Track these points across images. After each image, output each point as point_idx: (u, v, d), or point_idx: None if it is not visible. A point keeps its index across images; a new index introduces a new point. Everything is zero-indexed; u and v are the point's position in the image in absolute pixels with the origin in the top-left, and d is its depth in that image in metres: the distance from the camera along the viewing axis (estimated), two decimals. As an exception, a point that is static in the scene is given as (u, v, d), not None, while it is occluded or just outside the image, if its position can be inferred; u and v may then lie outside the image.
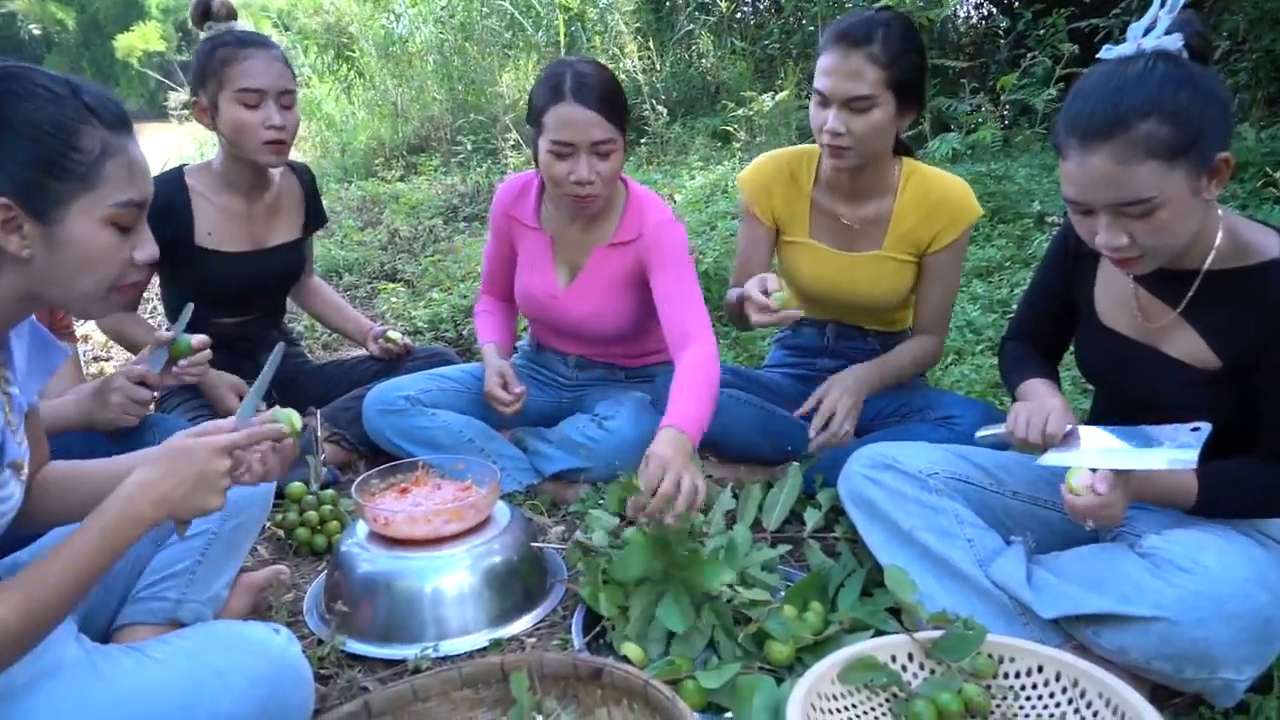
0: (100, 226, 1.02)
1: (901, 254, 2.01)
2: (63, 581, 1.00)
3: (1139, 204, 1.25)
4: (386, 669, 1.56)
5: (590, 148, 1.90)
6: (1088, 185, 1.28)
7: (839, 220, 2.03)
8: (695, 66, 6.84)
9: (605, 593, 1.57)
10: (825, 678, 1.28)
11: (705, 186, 4.57)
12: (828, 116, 1.83)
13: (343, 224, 5.17)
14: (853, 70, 1.79)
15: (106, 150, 1.02)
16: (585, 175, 1.91)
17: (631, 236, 2.07)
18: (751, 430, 2.07)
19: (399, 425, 2.14)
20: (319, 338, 3.51)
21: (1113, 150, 1.24)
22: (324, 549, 1.94)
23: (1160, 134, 1.22)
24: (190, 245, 2.18)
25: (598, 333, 2.16)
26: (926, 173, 2.00)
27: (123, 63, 21.08)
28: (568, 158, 1.91)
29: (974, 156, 4.44)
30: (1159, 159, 1.23)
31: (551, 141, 1.91)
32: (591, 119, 1.88)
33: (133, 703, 1.04)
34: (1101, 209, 1.29)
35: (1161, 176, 1.23)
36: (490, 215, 2.25)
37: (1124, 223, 1.28)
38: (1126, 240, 1.29)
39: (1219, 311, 1.37)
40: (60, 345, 1.22)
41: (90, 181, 1.01)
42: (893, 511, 1.60)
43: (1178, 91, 1.23)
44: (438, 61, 7.35)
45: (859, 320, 2.13)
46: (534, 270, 2.17)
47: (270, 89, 2.06)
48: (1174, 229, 1.28)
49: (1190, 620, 1.25)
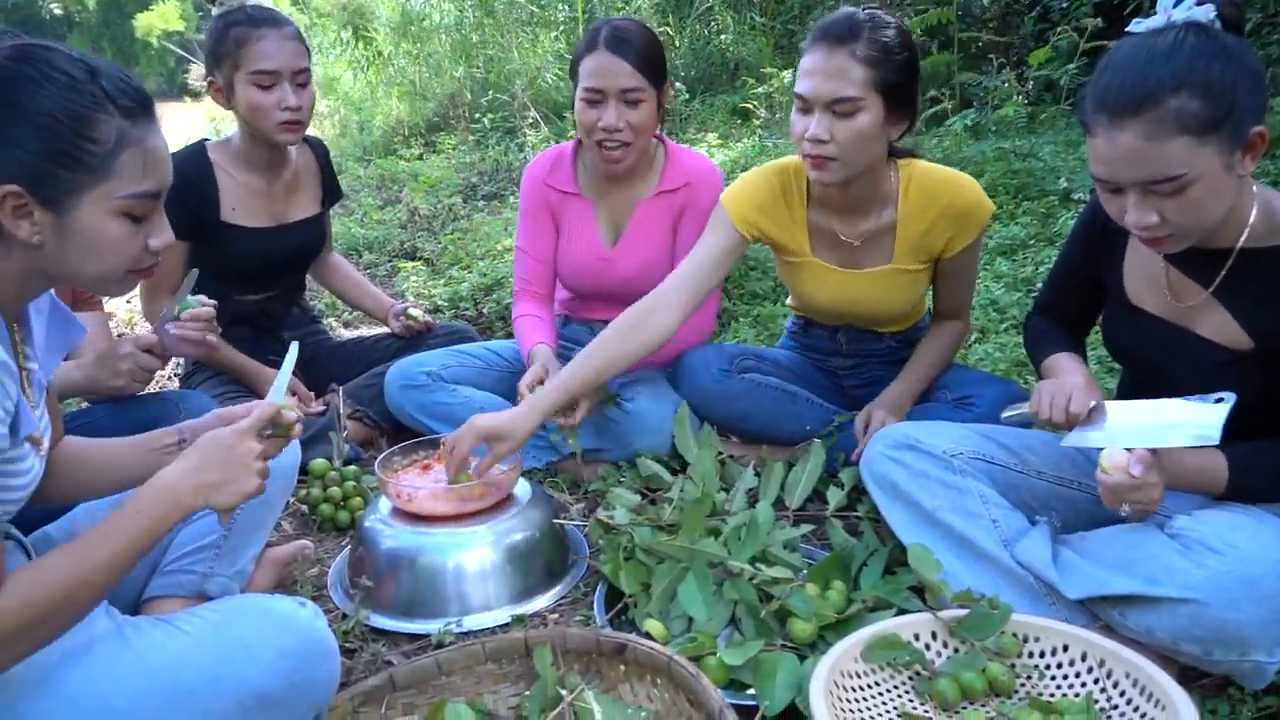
0: (111, 217, 1.01)
1: (913, 264, 1.89)
2: (104, 564, 1.00)
3: (1169, 181, 1.22)
4: (410, 643, 1.57)
5: (619, 95, 1.96)
6: (1116, 163, 1.25)
7: (839, 238, 1.90)
8: (714, 43, 6.78)
9: (627, 570, 1.57)
10: (848, 656, 1.28)
11: (725, 164, 4.54)
12: (809, 123, 1.69)
13: (362, 202, 5.17)
14: (836, 70, 1.65)
15: (122, 141, 1.00)
16: (613, 122, 1.96)
17: (677, 184, 2.11)
18: (773, 413, 2.05)
19: (420, 400, 2.14)
20: (340, 315, 3.52)
21: (1142, 126, 1.21)
22: (347, 525, 1.95)
23: (1191, 108, 1.19)
24: (216, 221, 2.18)
25: (648, 288, 2.10)
26: (929, 174, 1.84)
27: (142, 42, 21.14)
28: (598, 105, 1.97)
29: (998, 133, 4.38)
30: (1191, 134, 1.19)
31: (584, 89, 1.98)
32: (621, 67, 1.94)
33: (162, 674, 1.05)
34: (1131, 187, 1.26)
35: (1193, 152, 1.20)
36: (523, 199, 2.23)
37: (1154, 201, 1.25)
38: (1156, 219, 1.26)
39: (1253, 291, 1.34)
40: (79, 322, 1.22)
41: (103, 173, 0.99)
42: (916, 492, 1.58)
43: (1210, 64, 1.19)
44: (456, 39, 7.31)
45: (873, 325, 2.04)
46: (578, 238, 2.18)
47: (285, 69, 2.05)
48: (1206, 206, 1.24)
49: (1220, 602, 1.23)
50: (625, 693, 1.30)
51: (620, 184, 2.15)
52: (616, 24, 2.00)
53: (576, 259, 2.19)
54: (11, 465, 1.01)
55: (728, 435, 2.11)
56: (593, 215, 2.18)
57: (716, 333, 2.85)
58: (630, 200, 2.15)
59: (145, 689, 1.04)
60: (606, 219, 2.18)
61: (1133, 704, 1.21)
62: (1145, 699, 1.20)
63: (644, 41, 1.98)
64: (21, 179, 0.96)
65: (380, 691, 1.27)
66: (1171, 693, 1.16)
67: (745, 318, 2.96)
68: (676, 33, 6.72)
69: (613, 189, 2.16)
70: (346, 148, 7.30)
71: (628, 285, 2.15)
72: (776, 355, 2.20)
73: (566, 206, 2.19)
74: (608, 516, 1.71)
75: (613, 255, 2.16)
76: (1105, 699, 1.25)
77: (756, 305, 3.04)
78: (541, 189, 2.20)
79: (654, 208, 2.14)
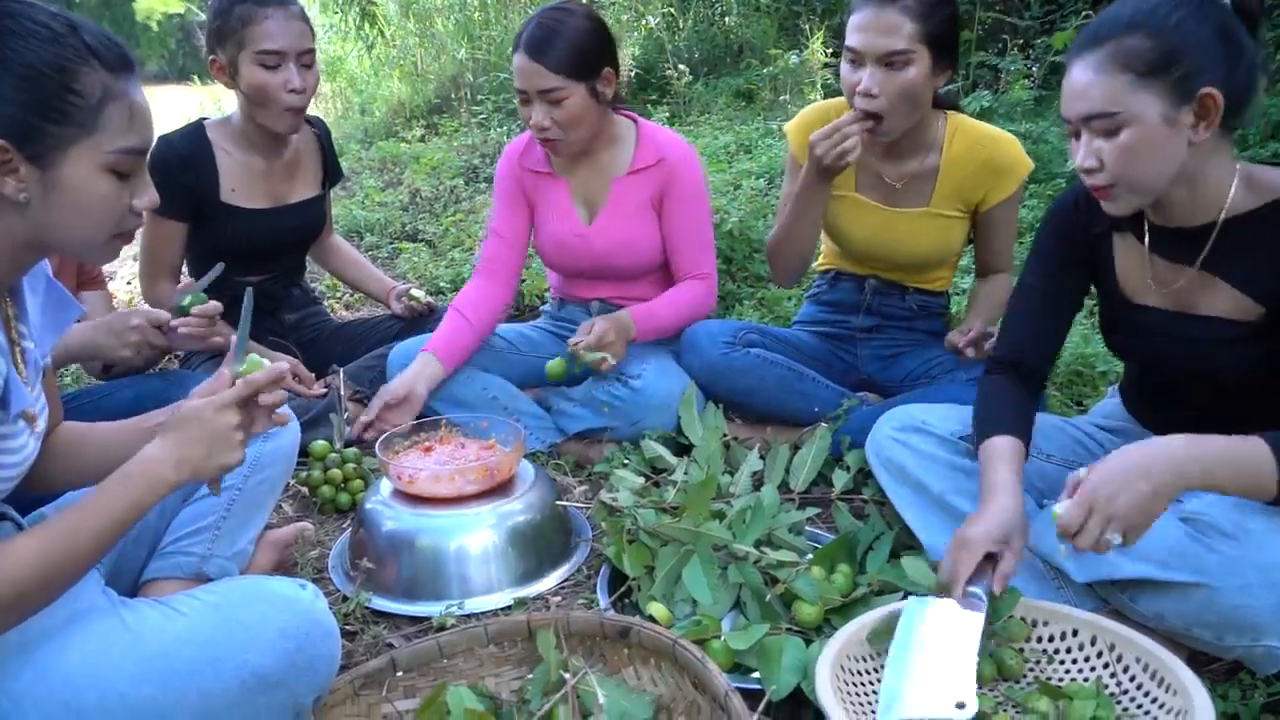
0: (98, 173, 0.99)
1: (950, 210, 1.98)
2: (87, 537, 1.00)
3: (1103, 118, 1.23)
4: (411, 626, 1.56)
5: (539, 95, 1.96)
6: (1067, 97, 1.27)
7: (882, 178, 2.00)
8: (718, 25, 6.71)
9: (630, 552, 1.56)
10: (855, 639, 1.27)
11: (729, 146, 4.50)
12: (861, 76, 1.79)
13: (364, 184, 5.14)
14: (888, 25, 1.75)
15: (107, 94, 0.98)
16: (540, 121, 1.99)
17: (650, 162, 2.11)
18: (778, 389, 2.04)
19: None
20: (340, 298, 3.50)
21: (1093, 60, 1.23)
22: (348, 507, 1.94)
23: (1139, 48, 1.20)
24: (216, 202, 2.16)
25: (628, 265, 2.17)
26: (973, 128, 1.96)
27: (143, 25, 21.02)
28: (528, 104, 2.00)
29: (1006, 115, 4.33)
30: (1133, 73, 1.20)
31: (515, 88, 2.00)
32: (536, 69, 1.94)
33: (161, 656, 1.04)
34: (1080, 125, 1.27)
35: (1131, 93, 1.21)
36: (498, 182, 2.23)
37: (1096, 144, 1.26)
38: (1095, 162, 1.26)
39: (1248, 256, 1.31)
40: (77, 303, 1.20)
41: (89, 126, 0.97)
42: (923, 475, 1.57)
43: (1172, 12, 1.20)
44: (459, 21, 7.25)
45: (900, 277, 2.09)
46: (555, 216, 2.17)
47: (290, 50, 2.02)
48: (1141, 157, 1.23)
49: (1233, 587, 1.21)
50: (629, 676, 1.29)
51: (590, 162, 2.15)
52: (542, 19, 1.96)
53: (555, 237, 2.18)
54: (3, 442, 0.99)
55: (733, 417, 2.10)
56: (568, 194, 2.17)
57: (720, 314, 2.83)
58: (605, 177, 2.15)
59: (143, 671, 1.02)
60: (581, 197, 2.17)
61: (1143, 689, 1.20)
62: (1156, 684, 1.18)
63: (567, 37, 1.94)
64: (6, 133, 0.94)
65: (381, 674, 1.26)
66: (1183, 678, 1.14)
67: (749, 300, 2.94)
68: (680, 14, 6.66)
69: (584, 167, 2.16)
70: (348, 129, 7.25)
71: (608, 262, 2.17)
72: (784, 333, 2.19)
73: (541, 186, 2.19)
74: (611, 498, 1.70)
75: (589, 233, 2.15)
76: (1115, 684, 1.23)
77: (761, 288, 3.02)
78: (516, 170, 2.20)
79: (630, 185, 2.13)
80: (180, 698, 1.02)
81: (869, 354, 2.16)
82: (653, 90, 6.35)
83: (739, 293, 3.02)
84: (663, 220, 2.14)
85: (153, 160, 2.13)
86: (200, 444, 1.07)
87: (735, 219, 3.15)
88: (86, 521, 1.00)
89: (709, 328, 2.11)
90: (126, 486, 1.03)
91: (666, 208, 2.13)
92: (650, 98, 6.13)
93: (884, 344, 2.15)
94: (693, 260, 2.15)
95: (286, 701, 1.09)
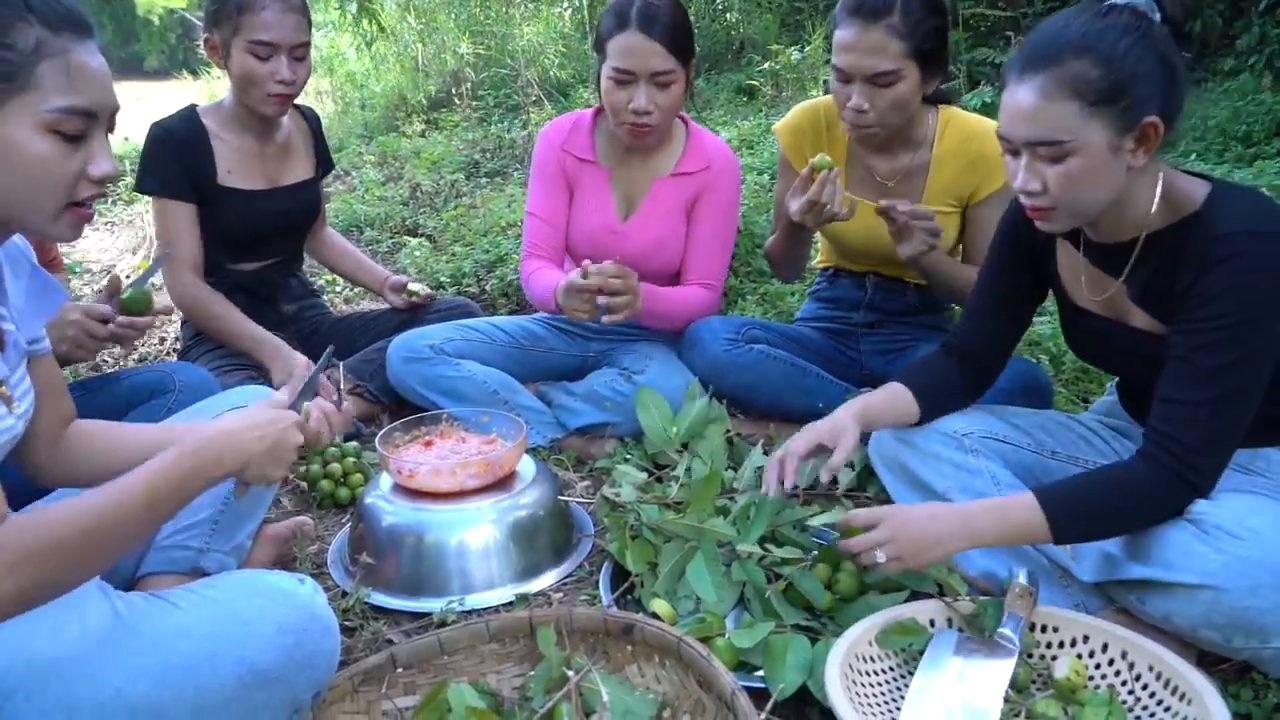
0: (37, 133, 0.95)
1: (941, 205, 1.96)
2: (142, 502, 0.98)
3: (1051, 145, 1.22)
4: (411, 622, 1.54)
5: (650, 77, 1.92)
6: (1014, 117, 1.25)
7: (873, 174, 2.01)
8: (720, 21, 6.70)
9: (633, 549, 1.54)
10: (863, 640, 1.25)
11: (731, 142, 4.48)
12: (851, 92, 1.80)
13: (364, 179, 5.12)
14: (874, 45, 1.74)
15: (41, 49, 0.94)
16: (643, 105, 1.93)
17: (698, 167, 2.08)
18: (781, 385, 2.03)
19: (423, 373, 2.10)
20: (340, 291, 3.48)
21: (1039, 82, 1.22)
22: (347, 501, 1.92)
23: (1088, 75, 1.19)
24: (214, 186, 2.15)
25: (658, 267, 2.13)
26: (964, 121, 1.95)
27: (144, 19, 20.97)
28: (628, 85, 1.93)
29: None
30: (1082, 101, 1.20)
31: (613, 69, 1.93)
32: (653, 48, 1.89)
33: (156, 651, 1.02)
34: (1022, 147, 1.26)
35: (1079, 121, 1.20)
36: (537, 162, 2.18)
37: (1038, 167, 1.25)
38: (1039, 186, 1.26)
39: (1151, 274, 1.33)
40: (61, 289, 1.19)
41: (21, 82, 0.94)
42: (927, 473, 1.56)
43: (1119, 39, 1.20)
44: (460, 16, 7.23)
45: (899, 272, 2.08)
46: (591, 207, 2.14)
47: (284, 43, 2.02)
48: (1084, 184, 1.24)
49: (1241, 588, 1.19)
50: (633, 674, 1.27)
51: (639, 157, 2.11)
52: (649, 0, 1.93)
53: (587, 229, 2.14)
54: None
55: (736, 412, 2.08)
56: (608, 186, 2.14)
57: (723, 310, 2.81)
58: (648, 175, 2.11)
59: (139, 666, 1.00)
60: (621, 191, 2.14)
61: (1155, 696, 1.19)
62: (1169, 691, 1.17)
63: (675, 19, 1.93)
64: None
65: (381, 670, 1.25)
66: (1197, 684, 1.13)
67: (752, 295, 2.92)
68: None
69: (631, 161, 2.12)
70: (349, 125, 7.23)
71: (637, 262, 2.09)
72: (787, 329, 2.18)
73: (582, 173, 2.15)
74: (614, 494, 1.68)
75: (624, 229, 2.12)
76: (1127, 691, 1.22)
77: (764, 284, 3.00)
78: (558, 154, 2.15)
79: (671, 186, 2.10)
80: (176, 694, 1.01)
81: (872, 349, 2.15)
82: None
83: (742, 288, 3.01)
84: (689, 223, 2.11)
85: (152, 144, 2.12)
86: (263, 445, 1.10)
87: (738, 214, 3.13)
88: (143, 485, 0.99)
89: (712, 324, 2.09)
90: (185, 458, 1.03)
91: (696, 212, 2.10)
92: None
93: (887, 339, 2.14)
94: (705, 268, 2.11)
95: (285, 698, 1.07)
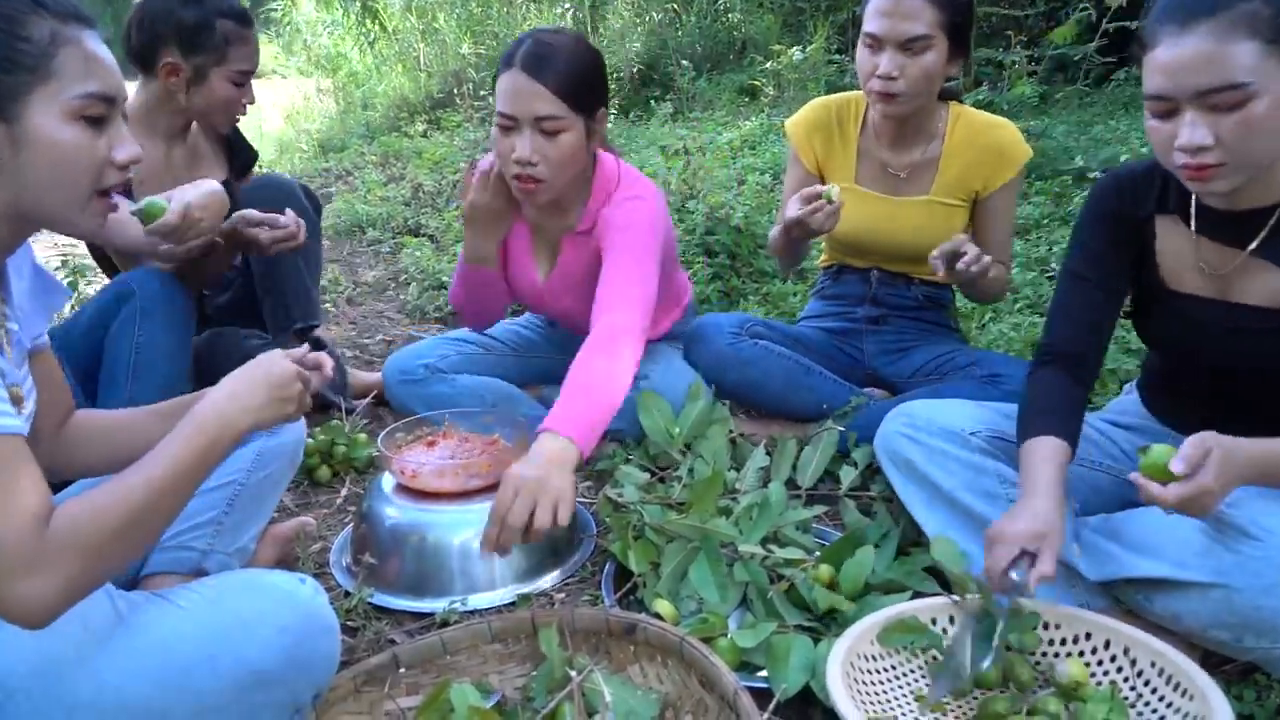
0: (64, 121, 0.97)
1: (951, 199, 1.98)
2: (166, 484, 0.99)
3: (1231, 90, 1.14)
4: (414, 622, 1.54)
5: (534, 123, 1.70)
6: (1180, 70, 1.16)
7: (885, 169, 2.01)
8: (722, 21, 6.70)
9: (636, 549, 1.54)
10: (865, 638, 1.25)
11: (733, 142, 4.48)
12: (880, 61, 1.81)
13: (366, 179, 5.13)
14: (909, 10, 1.78)
15: (57, 39, 0.96)
16: (525, 154, 1.70)
17: (588, 226, 1.88)
18: (784, 383, 2.03)
19: (420, 394, 2.09)
20: (343, 292, 3.48)
21: (1211, 27, 1.14)
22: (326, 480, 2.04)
23: (1265, 14, 1.13)
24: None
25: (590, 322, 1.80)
26: (974, 116, 1.98)
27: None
28: (509, 133, 1.72)
29: (1011, 112, 4.31)
30: (1261, 39, 1.12)
31: (497, 113, 1.74)
32: (536, 91, 1.67)
33: (157, 651, 1.01)
34: (1188, 101, 1.17)
35: (1260, 61, 1.13)
36: None
37: (1211, 119, 1.16)
38: (1211, 140, 1.17)
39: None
40: (63, 287, 1.19)
41: (43, 72, 0.95)
42: (933, 471, 1.54)
43: None
44: (462, 16, 7.24)
45: (904, 268, 2.08)
46: (517, 264, 2.02)
47: (254, 70, 2.08)
48: (1264, 131, 1.15)
49: (1255, 588, 1.18)
50: (635, 674, 1.27)
51: (552, 211, 1.91)
52: (541, 36, 1.73)
53: (517, 284, 2.04)
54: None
55: (739, 411, 2.08)
56: (530, 241, 1.99)
57: (725, 309, 2.81)
58: (559, 231, 1.94)
59: (139, 666, 1.00)
60: (542, 247, 1.99)
61: (1159, 694, 1.18)
62: (1172, 689, 1.16)
63: (571, 60, 1.70)
64: None
65: (383, 671, 1.24)
66: (1200, 683, 1.12)
67: (754, 295, 2.92)
68: (684, 10, 6.64)
69: (545, 217, 1.93)
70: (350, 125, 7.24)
71: (568, 318, 2.03)
72: (788, 329, 2.18)
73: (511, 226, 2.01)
74: (616, 494, 1.68)
75: (545, 289, 2.00)
76: (1130, 689, 1.21)
77: (766, 283, 3.00)
78: None
79: (577, 245, 1.92)
80: (176, 694, 1.00)
81: (875, 348, 2.14)
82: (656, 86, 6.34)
83: (744, 288, 3.00)
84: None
85: None
86: (260, 389, 1.10)
87: (740, 214, 3.13)
88: (162, 467, 0.99)
89: (716, 319, 2.10)
90: (202, 430, 1.03)
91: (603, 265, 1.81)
92: (654, 94, 6.12)
93: (891, 336, 2.13)
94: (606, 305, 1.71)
95: (285, 699, 1.07)
